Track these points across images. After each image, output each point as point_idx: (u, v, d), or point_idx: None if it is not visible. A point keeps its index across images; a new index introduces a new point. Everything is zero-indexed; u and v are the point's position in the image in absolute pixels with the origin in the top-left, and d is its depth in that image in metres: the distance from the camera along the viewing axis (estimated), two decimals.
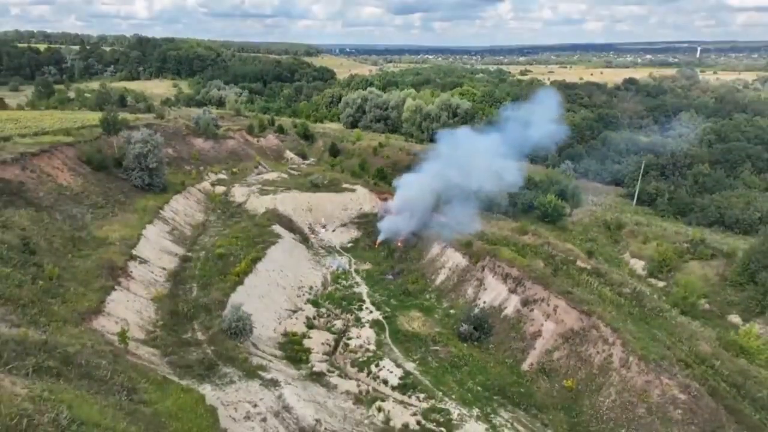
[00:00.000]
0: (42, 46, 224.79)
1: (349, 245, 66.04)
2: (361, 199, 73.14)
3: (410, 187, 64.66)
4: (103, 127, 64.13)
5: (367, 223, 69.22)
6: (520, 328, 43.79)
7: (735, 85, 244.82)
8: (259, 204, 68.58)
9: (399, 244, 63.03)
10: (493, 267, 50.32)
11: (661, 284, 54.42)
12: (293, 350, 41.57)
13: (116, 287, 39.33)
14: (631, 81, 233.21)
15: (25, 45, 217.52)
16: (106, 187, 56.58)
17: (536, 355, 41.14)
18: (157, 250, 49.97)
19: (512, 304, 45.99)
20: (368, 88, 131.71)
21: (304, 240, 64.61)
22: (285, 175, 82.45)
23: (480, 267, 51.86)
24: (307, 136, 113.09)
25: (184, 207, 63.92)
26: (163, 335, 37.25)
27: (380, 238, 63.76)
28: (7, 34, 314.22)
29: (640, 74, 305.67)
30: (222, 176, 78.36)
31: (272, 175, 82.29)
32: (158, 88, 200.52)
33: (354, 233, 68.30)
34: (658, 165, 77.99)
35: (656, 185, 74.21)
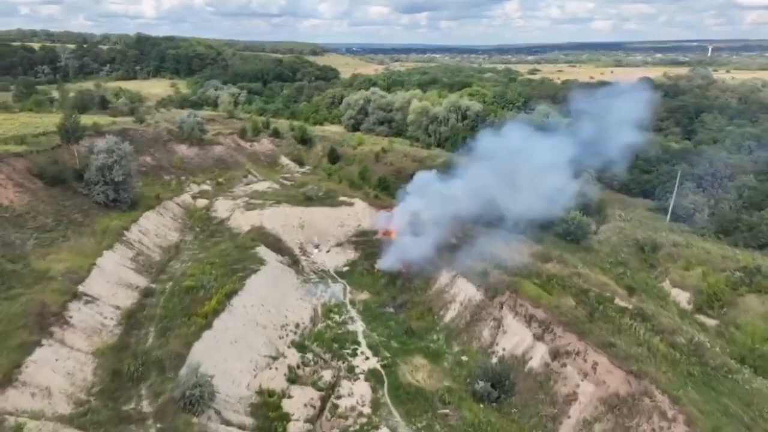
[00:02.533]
0: (37, 45, 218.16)
1: (345, 269, 57.79)
2: (359, 214, 64.89)
3: (425, 197, 55.89)
4: (61, 134, 56.07)
5: (365, 242, 60.94)
6: (549, 388, 35.38)
7: (755, 85, 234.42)
8: (243, 220, 60.50)
9: (402, 269, 54.75)
10: (513, 305, 41.93)
11: (711, 323, 45.78)
12: (267, 417, 33.42)
13: (43, 342, 31.28)
14: (645, 80, 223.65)
15: (18, 43, 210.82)
16: (60, 206, 48.64)
17: (572, 426, 32.73)
18: (112, 283, 41.93)
19: (538, 355, 37.58)
20: (371, 89, 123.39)
21: (294, 263, 56.43)
22: (276, 186, 74.34)
23: (497, 304, 43.47)
24: (305, 140, 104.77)
25: (155, 226, 55.89)
26: (98, 407, 29.19)
27: (380, 264, 55.47)
28: (9, 33, 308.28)
29: (653, 73, 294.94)
30: (205, 187, 70.36)
31: (262, 186, 74.19)
32: (155, 87, 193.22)
33: (351, 254, 60.05)
34: (693, 175, 69.18)
35: (694, 198, 65.42)
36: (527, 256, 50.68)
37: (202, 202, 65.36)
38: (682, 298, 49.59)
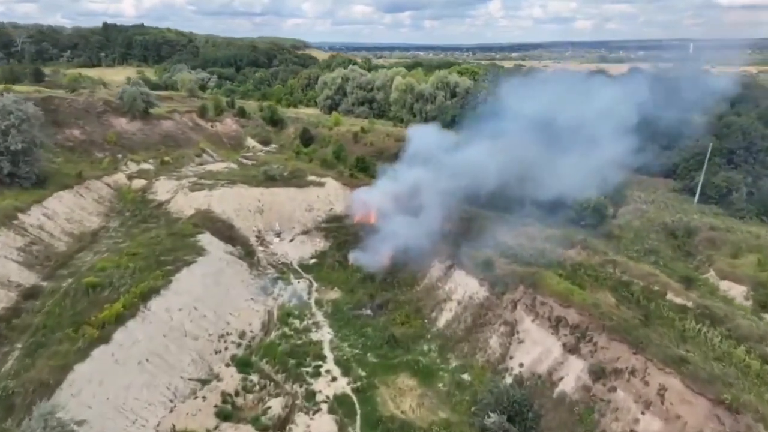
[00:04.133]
0: None
1: (312, 261, 46.47)
2: (331, 196, 53.58)
3: (425, 166, 44.88)
4: None
5: (338, 229, 49.68)
6: (593, 424, 24.46)
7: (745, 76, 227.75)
8: (186, 203, 48.86)
9: (383, 257, 43.64)
10: (531, 304, 30.97)
11: None
12: None
13: None
14: (637, 69, 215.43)
15: None
16: None
17: None
18: None
19: (573, 375, 26.67)
20: (350, 66, 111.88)
21: (247, 254, 45.01)
22: (234, 166, 62.69)
23: (508, 302, 32.51)
24: (276, 122, 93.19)
25: (69, 209, 44.01)
26: None
27: (355, 257, 44.37)
28: None
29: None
30: (147, 166, 58.46)
31: (218, 166, 62.51)
32: (120, 75, 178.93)
33: (319, 244, 48.72)
34: (723, 150, 59.02)
35: (726, 176, 55.22)
36: (541, 241, 39.79)
37: (139, 183, 53.48)
38: (737, 292, 39.03)
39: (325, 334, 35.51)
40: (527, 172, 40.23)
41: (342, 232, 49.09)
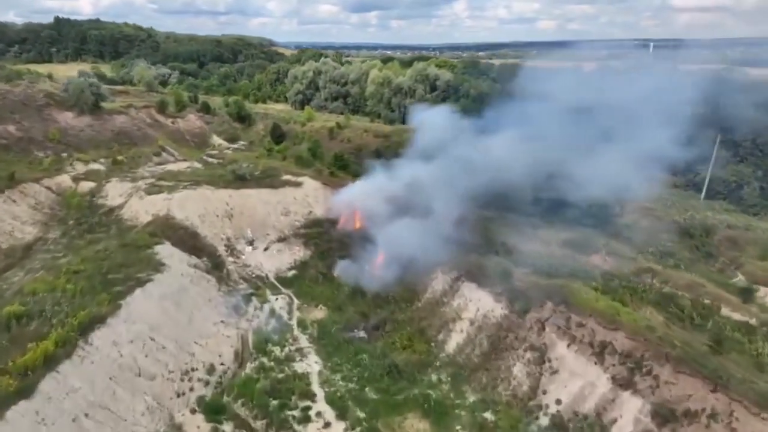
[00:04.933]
0: None
1: (291, 273, 40.30)
2: (310, 197, 47.46)
3: (437, 156, 39.21)
4: None
5: (320, 235, 43.63)
6: None
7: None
8: (142, 209, 42.03)
9: (375, 268, 37.91)
10: (566, 325, 25.64)
11: None
12: None
13: None
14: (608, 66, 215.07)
15: None
16: None
17: None
18: None
19: (629, 416, 21.44)
20: (322, 59, 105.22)
21: (215, 267, 38.55)
22: (198, 165, 55.85)
23: (534, 323, 27.16)
24: (243, 117, 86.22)
25: None
26: None
27: (341, 269, 38.53)
28: None
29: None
30: (96, 166, 51.12)
31: (179, 166, 55.51)
32: (72, 71, 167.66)
33: (299, 253, 42.57)
34: (730, 142, 55.40)
35: (736, 169, 51.46)
36: (558, 246, 34.69)
37: (86, 186, 46.26)
38: None
39: (312, 364, 29.53)
40: (560, 168, 34.89)
41: (324, 239, 43.09)
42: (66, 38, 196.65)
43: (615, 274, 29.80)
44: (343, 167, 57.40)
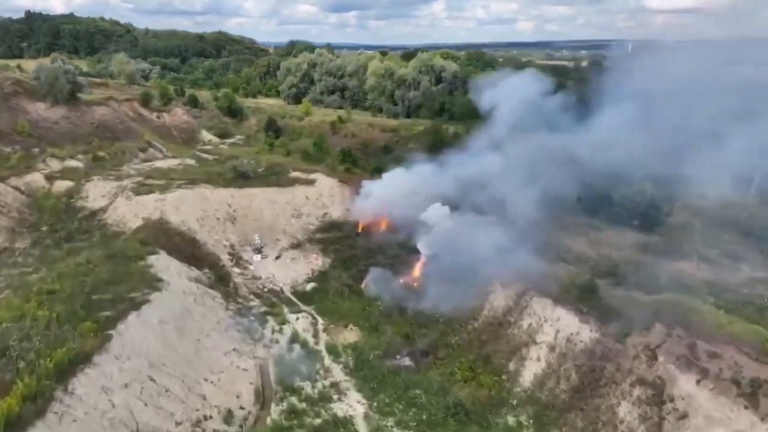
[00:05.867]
0: None
1: (310, 287, 34.20)
2: (324, 196, 41.43)
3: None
4: None
5: (340, 240, 37.65)
6: None
7: None
8: (130, 211, 35.64)
9: (414, 279, 32.09)
10: (691, 355, 20.04)
11: None
12: None
13: None
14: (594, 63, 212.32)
15: None
16: None
17: None
18: None
19: None
20: (317, 50, 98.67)
21: (220, 280, 32.42)
22: (191, 161, 49.39)
23: (641, 350, 21.53)
24: (234, 112, 79.80)
25: None
26: None
27: (372, 279, 32.57)
28: None
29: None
30: (74, 163, 44.33)
31: (169, 163, 48.98)
32: None
33: (317, 261, 36.52)
34: None
35: None
36: (632, 251, 29.24)
37: (62, 185, 39.52)
38: None
39: (354, 404, 23.55)
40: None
41: (346, 245, 37.12)
42: (38, 33, 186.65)
43: (723, 285, 24.51)
44: (351, 164, 51.44)
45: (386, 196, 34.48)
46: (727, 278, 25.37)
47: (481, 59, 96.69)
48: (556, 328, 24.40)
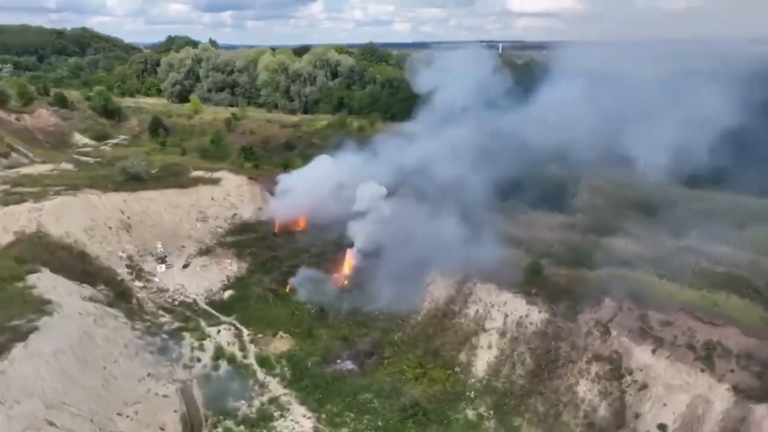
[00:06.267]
0: None
1: (228, 295, 30.75)
2: (232, 195, 37.83)
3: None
4: None
5: (255, 242, 34.43)
6: None
7: None
8: None
9: (343, 277, 30.00)
10: (645, 326, 20.19)
11: None
12: None
13: None
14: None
15: None
16: None
17: None
18: None
19: None
20: (201, 45, 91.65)
21: (120, 297, 28.04)
22: (68, 166, 43.10)
23: (593, 326, 21.42)
24: (111, 112, 71.98)
25: None
26: None
27: (297, 283, 30.02)
28: None
29: None
30: None
31: (40, 169, 42.23)
32: None
33: (231, 267, 33.05)
34: None
35: None
36: (560, 232, 29.61)
37: None
38: None
39: (300, 419, 21.07)
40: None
41: (263, 246, 33.96)
42: None
43: (655, 256, 25.19)
44: (253, 161, 47.94)
45: (310, 190, 31.84)
46: (656, 250, 26.31)
47: (374, 54, 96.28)
48: (504, 313, 23.66)
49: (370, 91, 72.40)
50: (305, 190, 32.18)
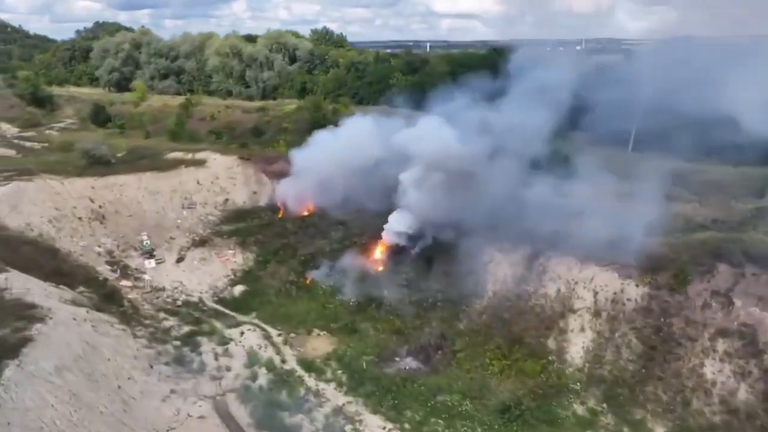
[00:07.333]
0: None
1: (238, 290, 25.81)
2: (222, 178, 32.54)
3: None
4: None
5: (261, 228, 29.53)
6: None
7: None
8: None
9: (377, 262, 25.79)
10: None
11: None
12: None
13: None
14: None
15: None
16: None
17: None
18: None
19: None
20: (140, 28, 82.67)
21: (106, 299, 22.62)
22: (10, 152, 36.08)
23: (710, 297, 18.67)
24: (41, 100, 63.28)
25: None
26: None
27: (322, 275, 25.75)
28: None
29: None
30: None
31: None
32: None
33: (236, 258, 28.03)
34: None
35: None
36: (618, 200, 26.78)
37: None
38: None
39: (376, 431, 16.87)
40: None
41: (269, 234, 29.10)
42: None
43: (737, 222, 22.94)
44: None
45: (338, 167, 26.99)
46: (724, 215, 24.18)
47: (330, 39, 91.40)
48: (592, 290, 20.50)
49: (334, 74, 67.82)
50: (332, 167, 27.31)
